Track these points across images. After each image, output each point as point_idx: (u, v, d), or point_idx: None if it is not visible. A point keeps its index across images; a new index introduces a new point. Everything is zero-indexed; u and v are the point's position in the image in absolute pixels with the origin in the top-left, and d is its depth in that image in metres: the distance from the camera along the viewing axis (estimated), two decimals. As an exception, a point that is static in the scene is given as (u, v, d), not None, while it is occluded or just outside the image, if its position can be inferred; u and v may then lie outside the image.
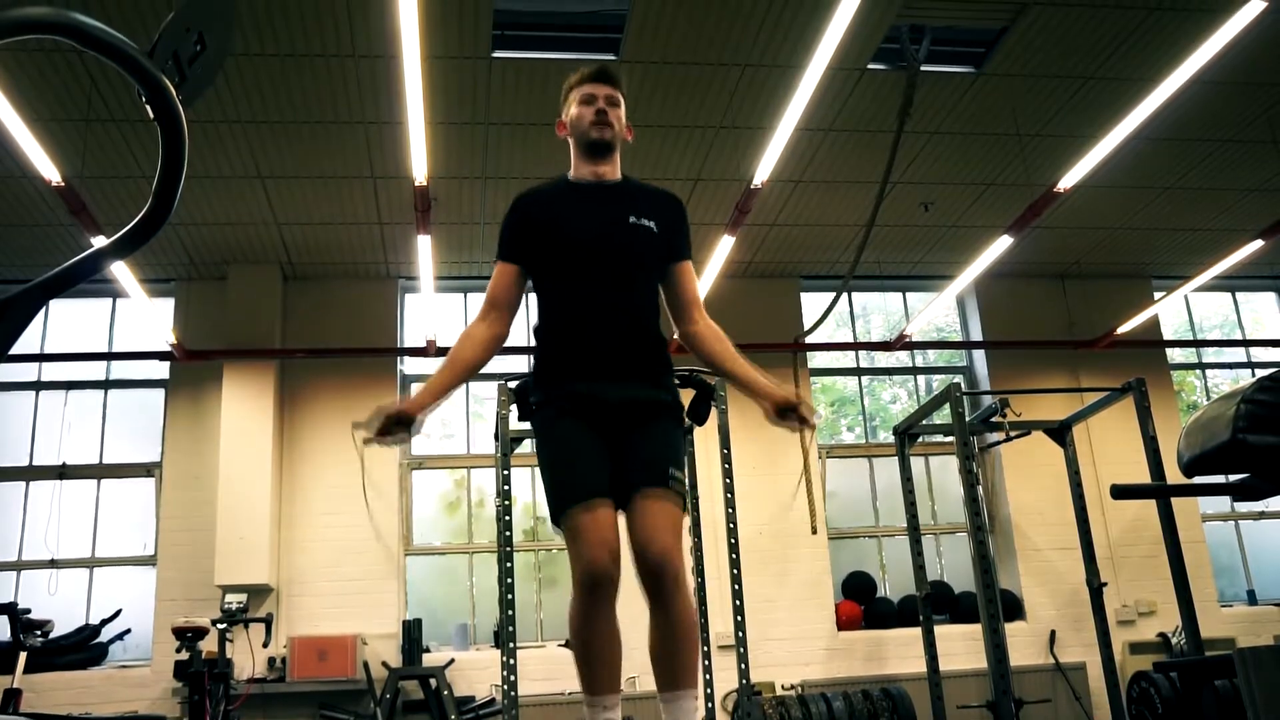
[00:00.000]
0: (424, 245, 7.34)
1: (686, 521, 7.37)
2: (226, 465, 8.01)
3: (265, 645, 6.72)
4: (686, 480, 3.09)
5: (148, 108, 1.30)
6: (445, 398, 3.25)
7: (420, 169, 6.30)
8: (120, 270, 7.07)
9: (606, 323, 3.09)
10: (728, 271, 8.06)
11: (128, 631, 8.00)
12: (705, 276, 7.93)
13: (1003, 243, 7.84)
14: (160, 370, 8.57)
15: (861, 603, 8.79)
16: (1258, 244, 8.12)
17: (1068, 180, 6.95)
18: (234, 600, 6.84)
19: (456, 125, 6.78)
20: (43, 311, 8.74)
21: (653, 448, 2.99)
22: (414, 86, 5.42)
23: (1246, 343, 10.32)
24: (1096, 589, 7.96)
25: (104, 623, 7.94)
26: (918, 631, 7.59)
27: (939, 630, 7.67)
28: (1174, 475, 7.27)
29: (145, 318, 8.29)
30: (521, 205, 3.23)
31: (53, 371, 8.65)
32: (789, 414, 3.00)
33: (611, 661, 2.95)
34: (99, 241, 2.13)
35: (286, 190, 7.50)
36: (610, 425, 2.99)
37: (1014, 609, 8.75)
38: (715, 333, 3.23)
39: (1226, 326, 10.51)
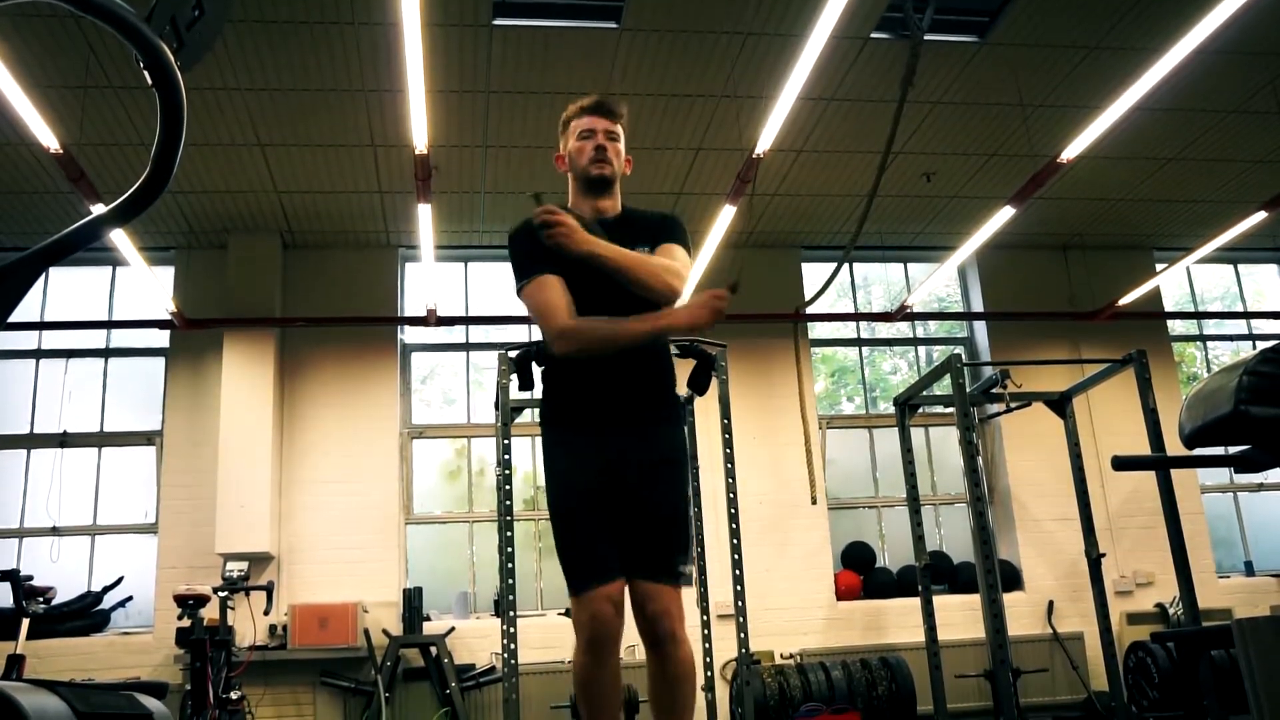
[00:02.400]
0: (424, 214, 7.32)
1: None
2: (227, 434, 8.02)
3: (266, 613, 6.74)
4: (691, 548, 3.14)
5: (145, 74, 1.28)
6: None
7: (421, 137, 6.27)
8: (120, 238, 7.05)
9: (614, 363, 3.09)
10: (729, 241, 8.04)
11: (129, 599, 8.04)
12: (706, 246, 7.91)
13: (1005, 213, 7.81)
14: (160, 339, 8.57)
15: (861, 573, 8.83)
16: (1261, 215, 8.09)
17: (1071, 151, 6.91)
18: (235, 568, 6.86)
19: (457, 93, 6.75)
20: (42, 279, 8.73)
21: (660, 531, 3.07)
22: (414, 54, 5.37)
23: (1248, 314, 10.31)
24: (1095, 560, 7.99)
25: (106, 590, 7.98)
26: (916, 601, 7.63)
27: (937, 600, 7.71)
28: (1173, 447, 7.29)
29: (145, 286, 8.28)
30: (525, 233, 3.13)
31: (53, 340, 8.65)
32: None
33: (613, 706, 3.08)
34: (98, 209, 2.12)
35: (286, 158, 7.47)
36: (617, 479, 3.05)
37: (1012, 579, 8.79)
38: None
39: (1228, 298, 10.50)
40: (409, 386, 8.93)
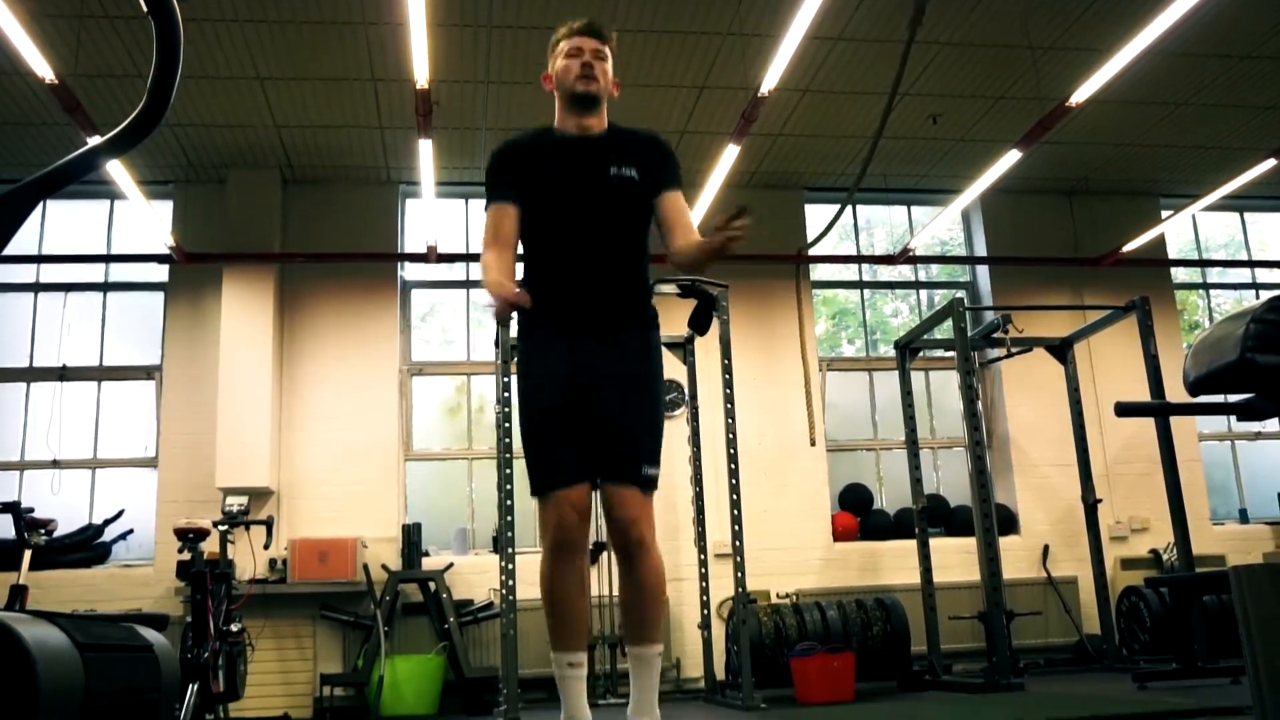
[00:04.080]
0: (425, 150, 7.25)
1: (685, 433, 7.42)
2: (226, 369, 8.01)
3: (266, 547, 6.78)
4: (659, 455, 3.16)
5: (141, 2, 1.25)
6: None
7: (422, 72, 6.19)
8: (118, 171, 6.99)
9: (587, 279, 3.15)
10: (731, 181, 7.98)
11: (130, 532, 8.08)
12: (709, 187, 7.85)
13: (1011, 157, 7.74)
14: (159, 274, 8.53)
15: (858, 514, 8.87)
16: (1270, 163, 8.02)
17: (1080, 95, 6.83)
18: (235, 503, 6.89)
19: (458, 27, 6.66)
20: (40, 212, 8.70)
21: (629, 435, 3.09)
22: (415, -14, 5.29)
23: (1252, 263, 10.26)
24: (1091, 505, 8.04)
25: (107, 523, 8.02)
26: (913, 544, 7.68)
27: (934, 543, 7.76)
28: (1173, 394, 7.30)
29: (143, 220, 8.23)
30: (505, 153, 3.27)
31: (51, 273, 8.61)
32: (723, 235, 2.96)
33: (578, 618, 3.12)
34: (94, 141, 2.10)
35: (286, 92, 7.39)
36: (588, 386, 3.08)
37: (1008, 523, 8.84)
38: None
39: (1232, 247, 10.45)
40: (409, 323, 8.91)
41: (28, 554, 5.50)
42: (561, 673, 3.07)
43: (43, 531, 5.69)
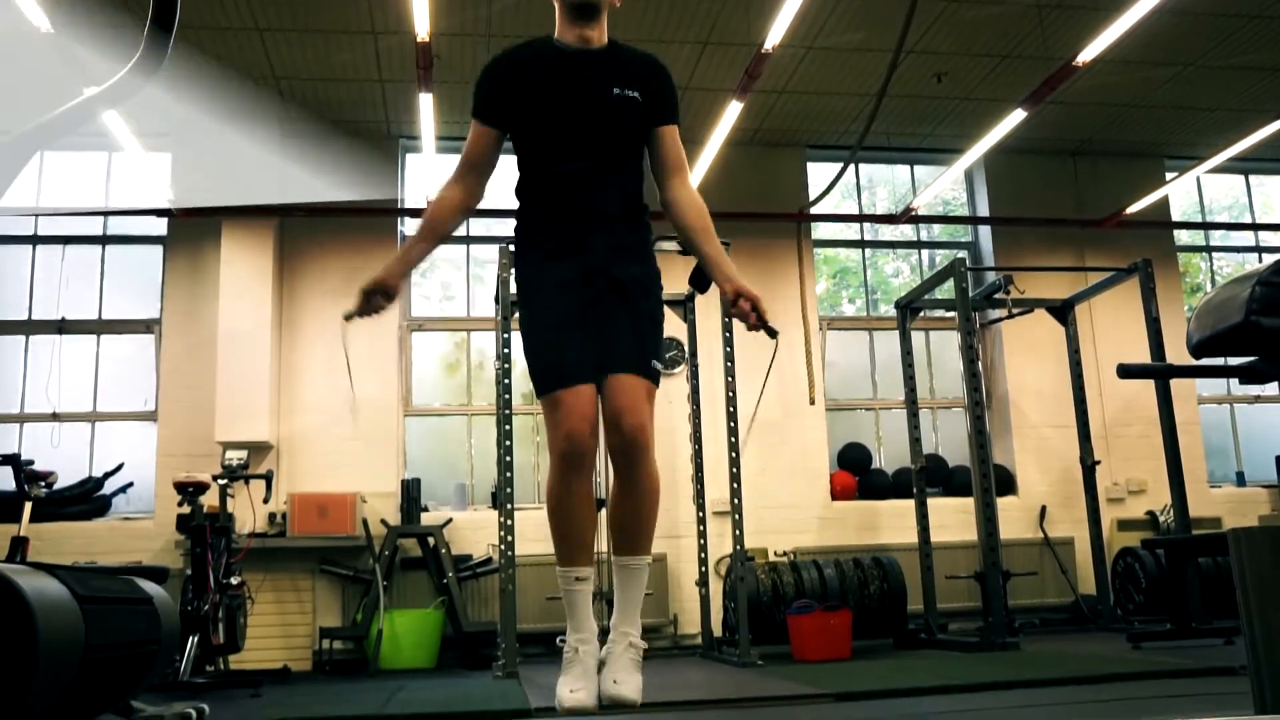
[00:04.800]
0: (425, 104, 7.19)
1: (684, 392, 7.41)
2: (226, 323, 7.99)
3: (266, 501, 6.80)
4: (663, 355, 3.12)
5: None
6: (419, 264, 3.27)
7: (422, 24, 6.13)
8: (116, 122, 6.95)
9: (585, 196, 3.09)
10: (733, 139, 7.93)
11: (130, 485, 8.10)
12: (710, 143, 7.80)
13: (1015, 117, 7.69)
14: (158, 227, 8.50)
15: (856, 474, 8.90)
16: (1276, 125, 7.97)
17: (1087, 54, 6.77)
18: (234, 456, 6.91)
19: (460, -21, 6.59)
20: (37, 163, 8.63)
21: (632, 332, 3.04)
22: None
23: (1255, 226, 10.22)
24: (1089, 466, 8.07)
25: (106, 476, 8.04)
26: (910, 503, 7.70)
27: (931, 503, 7.78)
28: (1173, 357, 7.30)
29: (142, 173, 8.18)
30: (500, 66, 3.20)
31: (49, 226, 8.57)
32: (741, 306, 2.99)
33: (585, 533, 3.08)
34: (90, 91, 2.07)
35: (285, 44, 7.32)
36: (590, 295, 3.03)
37: (1006, 484, 8.86)
38: (695, 204, 3.17)
39: (1236, 209, 10.39)
40: (409, 279, 8.88)
41: (28, 506, 5.51)
42: (568, 587, 3.03)
43: (43, 484, 5.71)
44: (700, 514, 7.13)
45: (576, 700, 2.91)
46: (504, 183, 3.29)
